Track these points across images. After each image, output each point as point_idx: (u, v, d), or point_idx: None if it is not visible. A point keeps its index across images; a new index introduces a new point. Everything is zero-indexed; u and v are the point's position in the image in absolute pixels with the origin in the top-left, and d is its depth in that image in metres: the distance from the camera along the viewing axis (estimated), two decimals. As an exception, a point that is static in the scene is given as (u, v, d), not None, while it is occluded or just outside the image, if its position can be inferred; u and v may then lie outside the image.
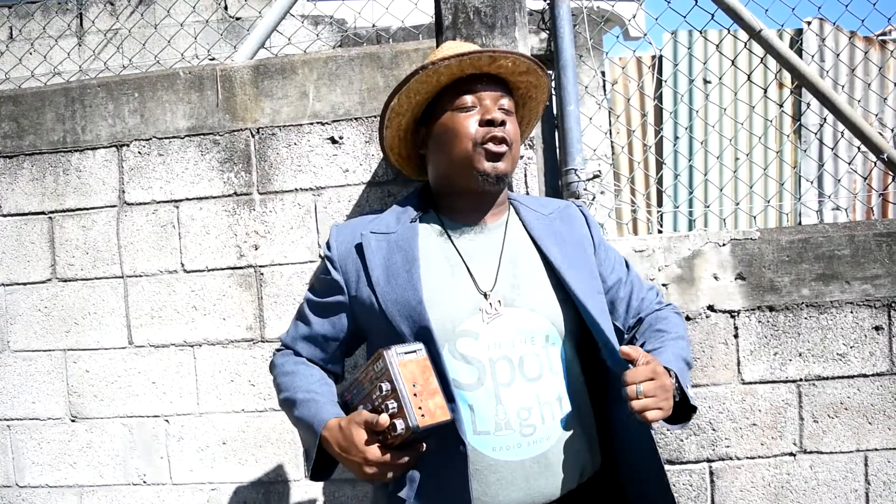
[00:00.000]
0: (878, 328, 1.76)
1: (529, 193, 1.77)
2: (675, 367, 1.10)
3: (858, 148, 2.27)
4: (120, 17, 4.15)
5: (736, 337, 1.77)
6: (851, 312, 1.76)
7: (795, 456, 1.76)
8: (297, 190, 1.88)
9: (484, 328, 1.12)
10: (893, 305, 1.75)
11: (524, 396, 1.11)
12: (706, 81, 3.97)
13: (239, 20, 4.19)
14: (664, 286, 1.78)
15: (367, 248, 1.19)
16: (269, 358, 1.87)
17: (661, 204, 3.93)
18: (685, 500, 1.77)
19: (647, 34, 2.57)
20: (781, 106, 3.90)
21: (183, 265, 1.92)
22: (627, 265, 1.33)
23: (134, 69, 2.72)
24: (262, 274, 1.89)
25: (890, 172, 2.36)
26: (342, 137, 1.86)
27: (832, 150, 3.34)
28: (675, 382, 1.09)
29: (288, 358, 1.28)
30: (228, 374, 1.90)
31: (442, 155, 1.21)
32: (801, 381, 1.77)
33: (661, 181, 3.87)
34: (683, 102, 3.94)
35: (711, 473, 1.77)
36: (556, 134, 2.23)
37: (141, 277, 1.93)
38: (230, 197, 1.90)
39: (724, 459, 1.77)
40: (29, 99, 1.99)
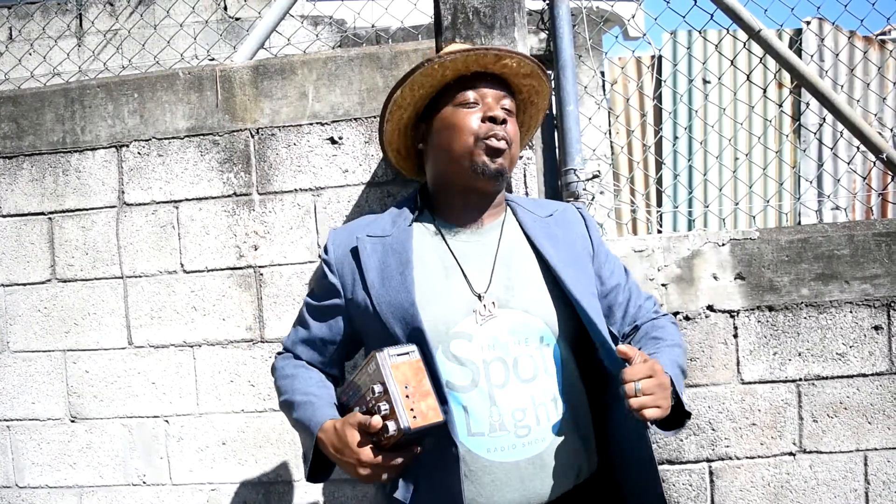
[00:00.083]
0: (877, 328, 1.76)
1: (529, 194, 1.77)
2: (670, 372, 1.09)
3: (858, 148, 2.27)
4: (119, 17, 4.15)
5: (735, 337, 1.77)
6: (851, 312, 1.76)
7: (795, 456, 1.76)
8: (296, 190, 1.88)
9: (477, 329, 1.12)
10: (893, 305, 1.76)
11: (519, 397, 1.11)
12: (705, 81, 3.97)
13: (238, 20, 4.19)
14: (664, 286, 1.78)
15: (362, 251, 1.20)
16: (268, 358, 1.88)
17: (660, 204, 3.93)
18: (685, 499, 1.77)
19: (646, 34, 2.57)
20: (781, 106, 3.90)
21: (182, 265, 1.92)
22: (626, 272, 1.32)
23: (133, 70, 2.72)
24: (261, 274, 1.89)
25: (889, 172, 2.36)
26: (342, 138, 1.86)
27: (831, 149, 3.34)
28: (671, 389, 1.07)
29: (288, 361, 1.29)
30: (228, 374, 1.90)
31: (441, 150, 1.21)
32: (800, 380, 1.77)
33: (660, 181, 3.87)
34: (683, 102, 3.95)
35: (711, 473, 1.77)
36: (555, 134, 2.23)
37: (140, 278, 1.93)
38: (230, 197, 1.91)
39: (723, 459, 1.77)
40: (28, 99, 1.99)
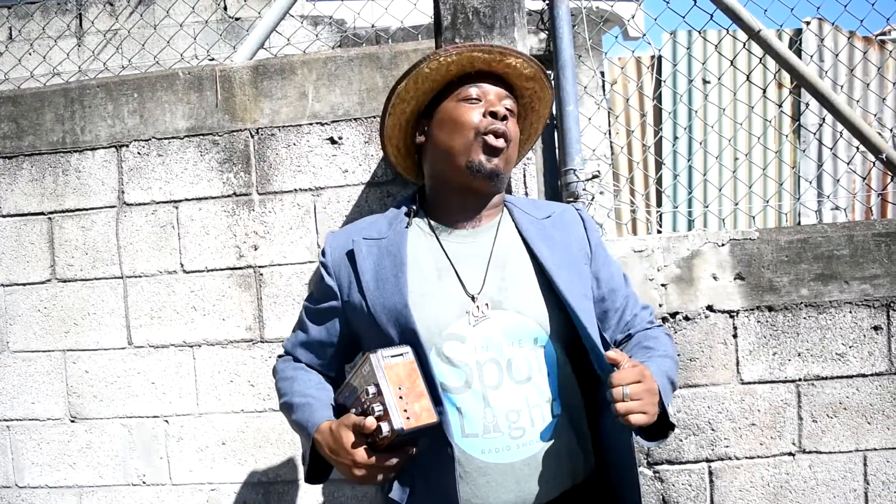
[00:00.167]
0: (876, 328, 1.76)
1: (528, 194, 1.77)
2: (658, 381, 1.07)
3: (857, 148, 2.27)
4: (119, 17, 4.15)
5: (735, 337, 1.78)
6: (850, 312, 1.76)
7: (794, 456, 1.76)
8: (296, 190, 1.88)
9: (470, 331, 1.12)
10: (892, 305, 1.76)
11: (513, 399, 1.11)
12: (705, 82, 3.97)
13: (238, 20, 4.19)
14: (663, 286, 1.78)
15: (358, 254, 1.20)
16: (268, 358, 1.88)
17: (660, 204, 3.93)
18: (684, 499, 1.77)
19: (646, 34, 2.57)
20: (780, 106, 3.90)
21: (182, 266, 1.92)
22: (626, 279, 1.31)
23: (133, 70, 2.72)
24: (261, 274, 1.89)
25: (889, 172, 2.36)
26: (341, 138, 1.86)
27: (831, 150, 3.34)
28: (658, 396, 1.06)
29: (288, 364, 1.31)
30: (228, 374, 1.90)
31: (440, 144, 1.21)
32: (800, 380, 1.77)
33: (660, 181, 3.88)
34: (682, 103, 3.94)
35: (711, 473, 1.77)
36: (555, 134, 2.23)
37: (140, 278, 1.93)
38: (229, 197, 1.91)
39: (723, 459, 1.77)
40: (28, 99, 1.99)
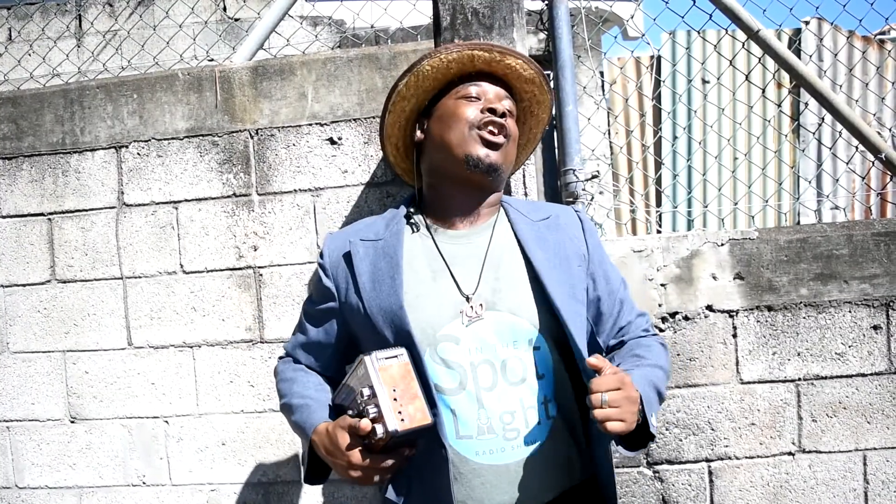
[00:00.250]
0: (876, 327, 1.76)
1: (528, 194, 1.77)
2: (640, 389, 1.07)
3: (857, 148, 2.27)
4: (119, 18, 4.15)
5: (734, 337, 1.78)
6: (850, 312, 1.76)
7: (794, 455, 1.77)
8: (295, 191, 1.88)
9: (464, 331, 1.12)
10: (892, 305, 1.76)
11: (507, 400, 1.10)
12: (705, 81, 3.97)
13: (238, 21, 4.19)
14: (663, 286, 1.78)
15: (355, 255, 1.21)
16: (268, 359, 1.88)
17: (659, 204, 3.93)
18: (684, 499, 1.77)
19: (645, 34, 2.56)
20: (780, 106, 3.91)
21: (182, 266, 1.92)
22: (624, 284, 1.30)
23: (133, 70, 2.72)
24: (261, 275, 1.89)
25: (888, 172, 2.36)
26: (341, 138, 1.86)
27: (830, 149, 3.34)
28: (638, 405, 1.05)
29: (288, 365, 1.32)
30: (228, 374, 1.90)
31: (438, 139, 1.21)
32: (799, 380, 1.77)
33: (659, 181, 3.88)
34: (682, 102, 3.95)
35: (710, 473, 1.77)
36: (554, 134, 2.23)
37: (140, 279, 1.93)
38: (229, 198, 1.91)
39: (722, 459, 1.77)
40: (28, 100, 1.99)
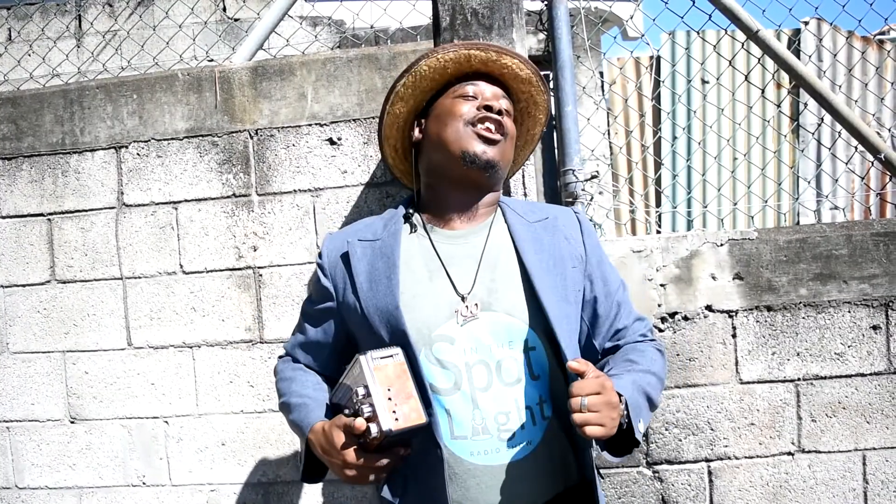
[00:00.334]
0: (875, 327, 1.76)
1: (527, 195, 1.77)
2: (627, 394, 1.07)
3: (856, 148, 2.27)
4: (118, 18, 4.15)
5: (734, 337, 1.78)
6: (849, 312, 1.76)
7: (794, 455, 1.77)
8: (295, 191, 1.88)
9: (459, 331, 1.12)
10: (891, 305, 1.76)
11: (502, 401, 1.10)
12: (704, 82, 3.97)
13: (237, 21, 4.19)
14: (662, 286, 1.78)
15: (352, 255, 1.21)
16: (267, 359, 1.88)
17: (659, 204, 3.93)
18: (684, 499, 1.77)
19: (644, 35, 2.56)
20: (779, 106, 3.91)
21: (182, 266, 1.92)
22: (623, 286, 1.28)
23: (132, 71, 2.72)
24: (260, 275, 1.89)
25: (887, 172, 2.36)
26: (340, 139, 1.86)
27: (830, 150, 3.35)
28: (623, 409, 1.05)
29: (287, 364, 1.32)
30: (227, 375, 1.90)
31: (435, 137, 1.22)
32: (799, 380, 1.77)
33: (659, 181, 3.88)
34: (681, 103, 3.95)
35: (710, 473, 1.77)
36: (553, 135, 2.24)
37: (140, 279, 1.93)
38: (229, 198, 1.91)
39: (722, 459, 1.77)
40: (27, 101, 1.99)
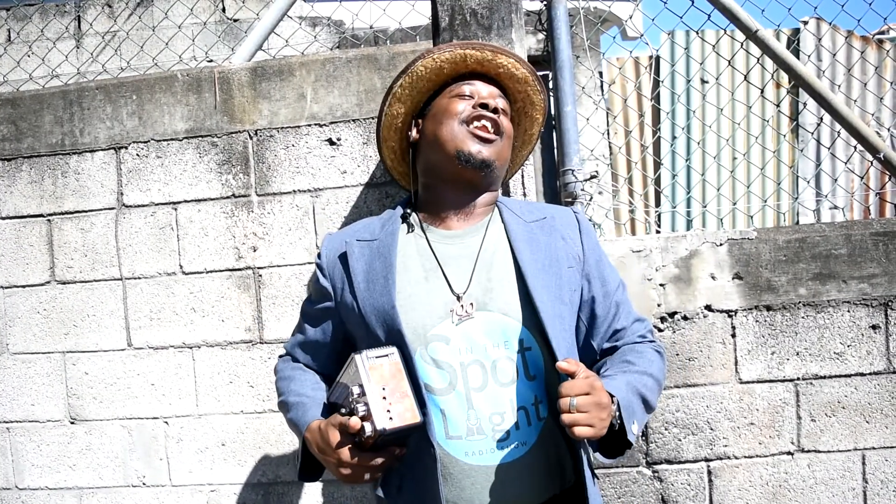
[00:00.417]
0: (875, 327, 1.76)
1: (527, 195, 1.77)
2: (620, 395, 1.06)
3: (855, 147, 2.27)
4: (118, 19, 4.14)
5: (733, 336, 1.78)
6: (848, 311, 1.77)
7: (793, 455, 1.77)
8: (295, 191, 1.88)
9: (454, 331, 1.11)
10: (890, 304, 1.76)
11: (497, 401, 1.10)
12: (703, 82, 3.97)
13: (237, 22, 4.19)
14: (661, 286, 1.78)
15: (350, 255, 1.22)
16: (267, 359, 1.88)
17: (658, 204, 3.93)
18: (683, 499, 1.77)
19: (644, 34, 2.56)
20: (778, 106, 3.91)
21: (181, 267, 1.92)
22: (622, 287, 1.28)
23: (132, 71, 2.72)
24: (260, 275, 1.89)
25: (887, 172, 2.37)
26: (340, 139, 1.86)
27: (829, 149, 3.35)
28: (615, 410, 1.05)
29: (287, 364, 1.33)
30: (227, 375, 1.90)
31: (431, 136, 1.22)
32: (798, 380, 1.77)
33: (658, 181, 3.88)
34: (681, 103, 3.95)
35: (710, 473, 1.77)
36: (553, 135, 2.24)
37: (139, 279, 1.93)
38: (228, 199, 1.91)
39: (722, 459, 1.77)
40: (27, 102, 1.99)
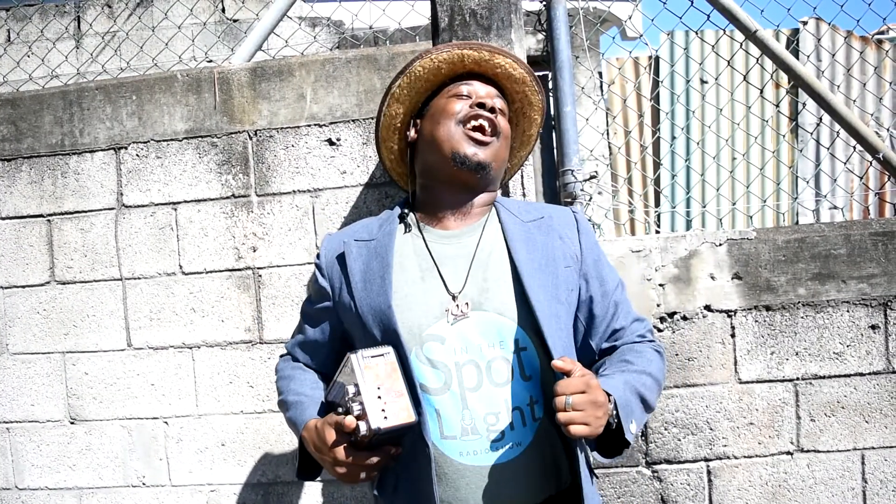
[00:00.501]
0: (874, 327, 1.76)
1: (526, 195, 1.77)
2: (618, 394, 1.06)
3: (855, 147, 2.27)
4: (117, 19, 4.14)
5: (733, 336, 1.78)
6: (848, 311, 1.77)
7: (793, 455, 1.77)
8: (294, 192, 1.88)
9: (449, 330, 1.11)
10: (889, 304, 1.76)
11: (492, 401, 1.09)
12: (703, 82, 3.98)
13: (236, 22, 4.19)
14: (661, 286, 1.78)
15: (348, 255, 1.22)
16: (267, 359, 1.88)
17: (658, 204, 3.93)
18: (683, 499, 1.77)
19: (643, 35, 2.57)
20: (778, 106, 3.91)
21: (181, 267, 1.92)
22: (621, 287, 1.27)
23: (132, 72, 2.73)
24: (260, 276, 1.89)
25: (886, 172, 2.37)
26: (339, 139, 1.86)
27: (828, 149, 3.35)
28: (612, 409, 1.04)
29: (287, 363, 1.34)
30: (227, 375, 1.90)
31: (428, 137, 1.23)
32: (797, 380, 1.77)
33: (657, 181, 3.88)
34: (680, 103, 3.95)
35: (709, 473, 1.77)
36: (552, 135, 2.24)
37: (139, 280, 1.93)
38: (228, 199, 1.91)
39: (721, 459, 1.77)
40: (27, 102, 1.99)
